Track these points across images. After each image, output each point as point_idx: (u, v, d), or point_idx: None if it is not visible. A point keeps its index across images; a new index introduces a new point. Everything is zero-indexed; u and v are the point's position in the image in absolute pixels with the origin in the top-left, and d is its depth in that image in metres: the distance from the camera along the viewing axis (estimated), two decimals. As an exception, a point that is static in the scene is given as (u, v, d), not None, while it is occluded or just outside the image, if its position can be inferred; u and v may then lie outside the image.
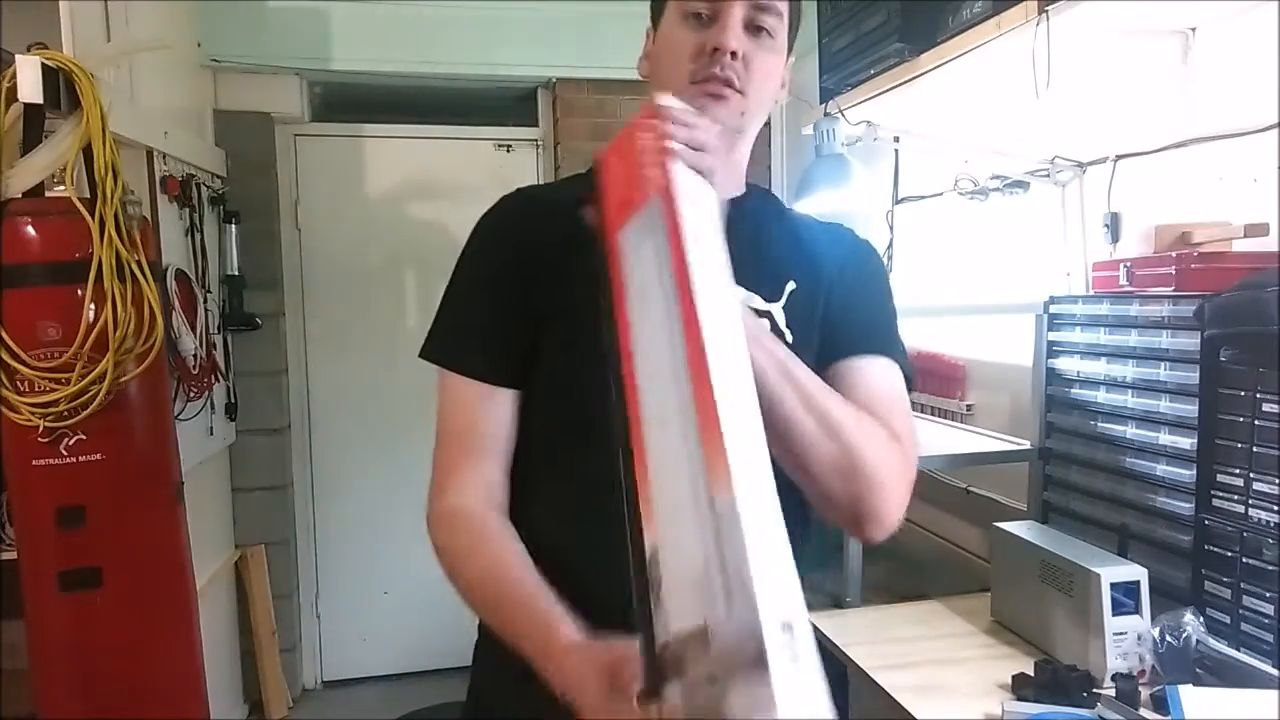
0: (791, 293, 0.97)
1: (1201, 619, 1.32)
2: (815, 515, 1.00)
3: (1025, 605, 1.51)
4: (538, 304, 0.94)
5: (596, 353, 0.77)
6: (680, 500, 0.55)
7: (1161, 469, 1.49)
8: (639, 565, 0.57)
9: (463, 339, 0.97)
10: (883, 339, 1.00)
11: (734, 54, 0.90)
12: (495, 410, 0.94)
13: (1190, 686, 1.21)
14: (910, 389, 0.98)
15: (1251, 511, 1.31)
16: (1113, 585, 1.33)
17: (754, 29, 0.92)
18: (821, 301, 0.99)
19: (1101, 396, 1.62)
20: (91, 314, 1.73)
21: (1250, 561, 1.31)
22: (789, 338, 0.93)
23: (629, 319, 0.69)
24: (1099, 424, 1.63)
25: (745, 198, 1.03)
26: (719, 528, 0.51)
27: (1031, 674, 1.33)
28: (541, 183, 1.04)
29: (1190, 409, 1.42)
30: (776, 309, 0.95)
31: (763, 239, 1.00)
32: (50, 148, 1.75)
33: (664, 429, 0.60)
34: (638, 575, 0.57)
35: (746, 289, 0.94)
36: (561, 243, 0.93)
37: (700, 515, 0.52)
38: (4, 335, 1.69)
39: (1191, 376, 1.42)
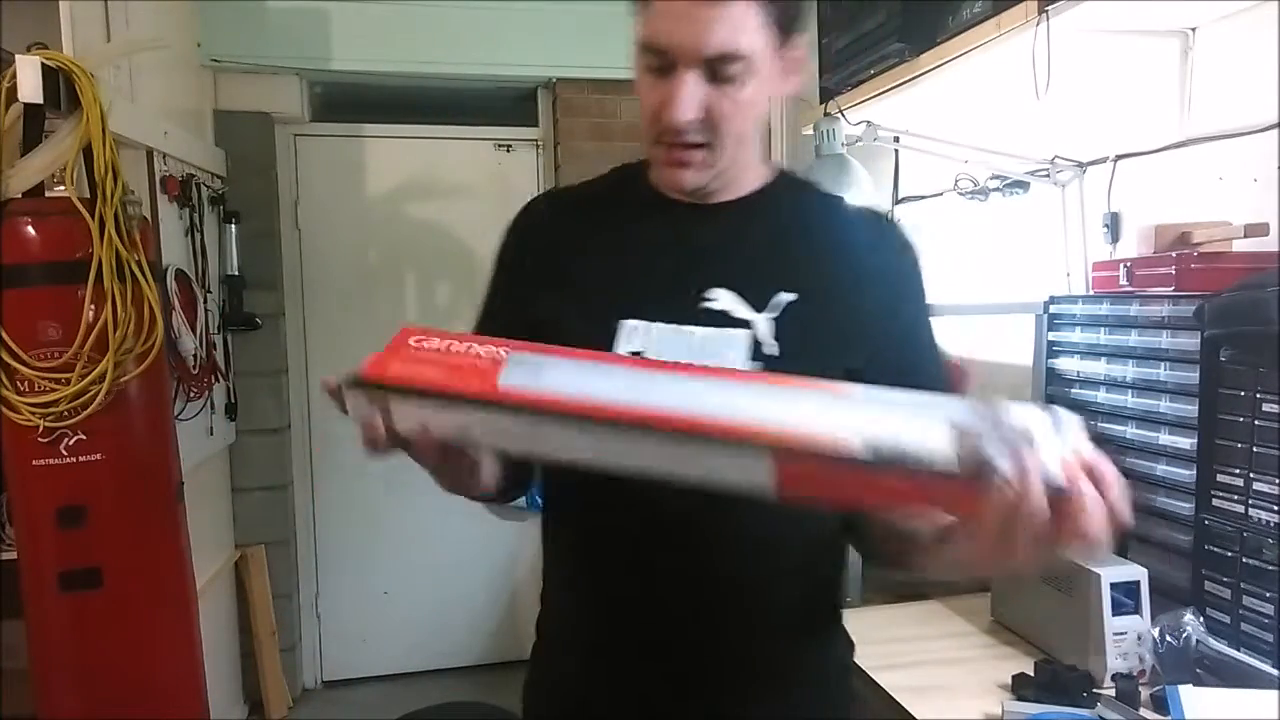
0: (789, 304, 0.91)
1: (1201, 619, 1.31)
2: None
3: (1025, 605, 1.51)
4: (536, 307, 0.95)
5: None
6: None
7: (1161, 469, 1.49)
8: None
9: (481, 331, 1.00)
10: (928, 385, 0.96)
11: (690, 119, 0.85)
12: None
13: (1190, 686, 1.21)
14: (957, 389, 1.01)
15: (1251, 511, 1.31)
16: (1113, 585, 1.33)
17: (719, 75, 0.85)
18: (839, 312, 0.92)
19: (1101, 396, 1.62)
20: (91, 314, 1.73)
21: (1250, 561, 1.31)
22: (773, 350, 0.89)
23: None
24: (1099, 424, 1.63)
25: (756, 195, 0.98)
26: None
27: (1031, 674, 1.32)
28: (572, 183, 1.07)
29: (1190, 409, 1.42)
30: (761, 319, 0.90)
31: (763, 241, 0.96)
32: (50, 148, 1.75)
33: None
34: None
35: (732, 294, 0.91)
36: (562, 239, 0.98)
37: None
38: (4, 335, 1.69)
39: (1191, 376, 1.42)
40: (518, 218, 1.05)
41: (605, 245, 0.98)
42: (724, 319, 0.90)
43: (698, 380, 0.70)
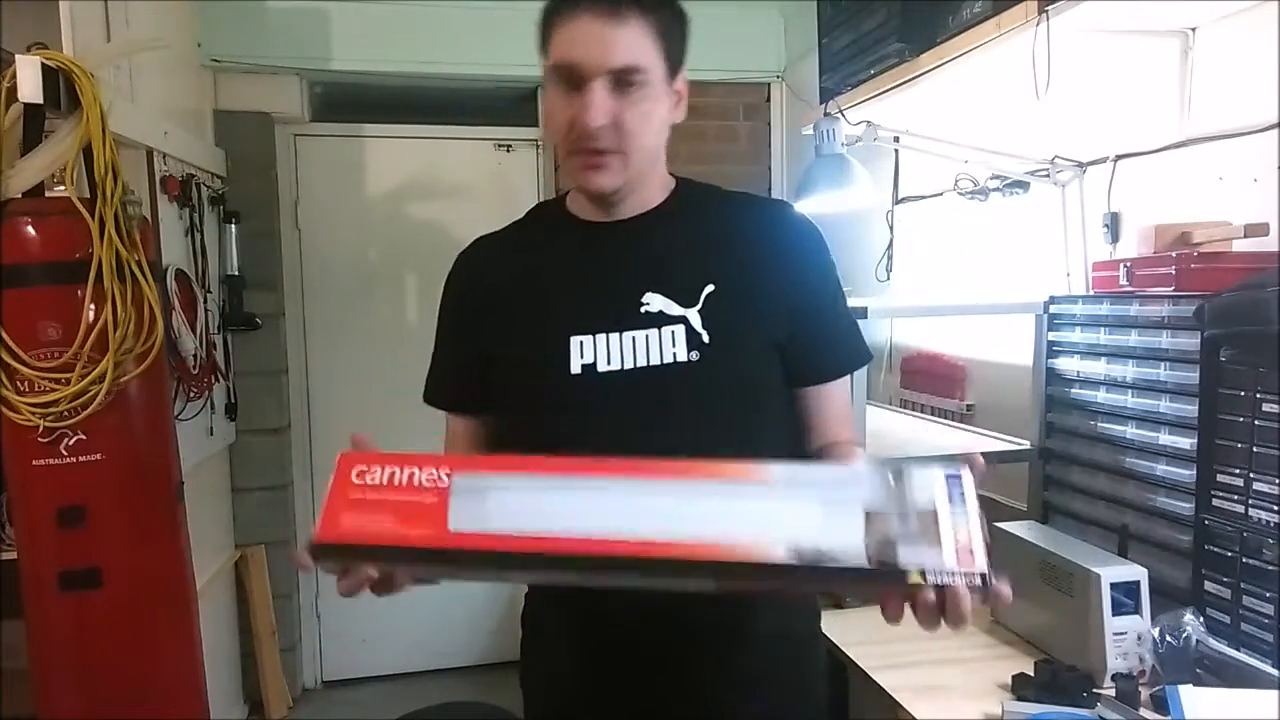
0: (710, 294, 1.01)
1: (1201, 619, 1.32)
2: None
3: (1025, 605, 1.51)
4: (485, 341, 1.07)
5: (542, 368, 0.99)
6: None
7: (1161, 469, 1.49)
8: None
9: (433, 379, 1.16)
10: (845, 353, 1.09)
11: (601, 125, 0.95)
12: (463, 432, 1.13)
13: (1190, 686, 1.21)
14: (868, 360, 1.12)
15: (1251, 511, 1.31)
16: (1113, 585, 1.33)
17: (622, 86, 0.95)
18: (758, 293, 1.02)
19: (1101, 396, 1.62)
20: (91, 314, 1.73)
21: (1250, 561, 1.31)
22: (705, 338, 0.99)
23: None
24: (1099, 424, 1.63)
25: (664, 205, 1.08)
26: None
27: (1031, 674, 1.33)
28: (496, 229, 1.17)
29: (1190, 409, 1.42)
30: (692, 313, 1.00)
31: (680, 244, 1.05)
32: (50, 148, 1.75)
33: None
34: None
35: (662, 296, 1.01)
36: (497, 279, 1.09)
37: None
38: (4, 335, 1.69)
39: (1191, 376, 1.42)
40: (454, 269, 1.14)
41: (541, 274, 1.08)
42: (661, 318, 1.00)
43: (638, 489, 0.75)
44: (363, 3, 3.01)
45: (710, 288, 1.01)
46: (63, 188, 1.76)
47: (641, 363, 0.99)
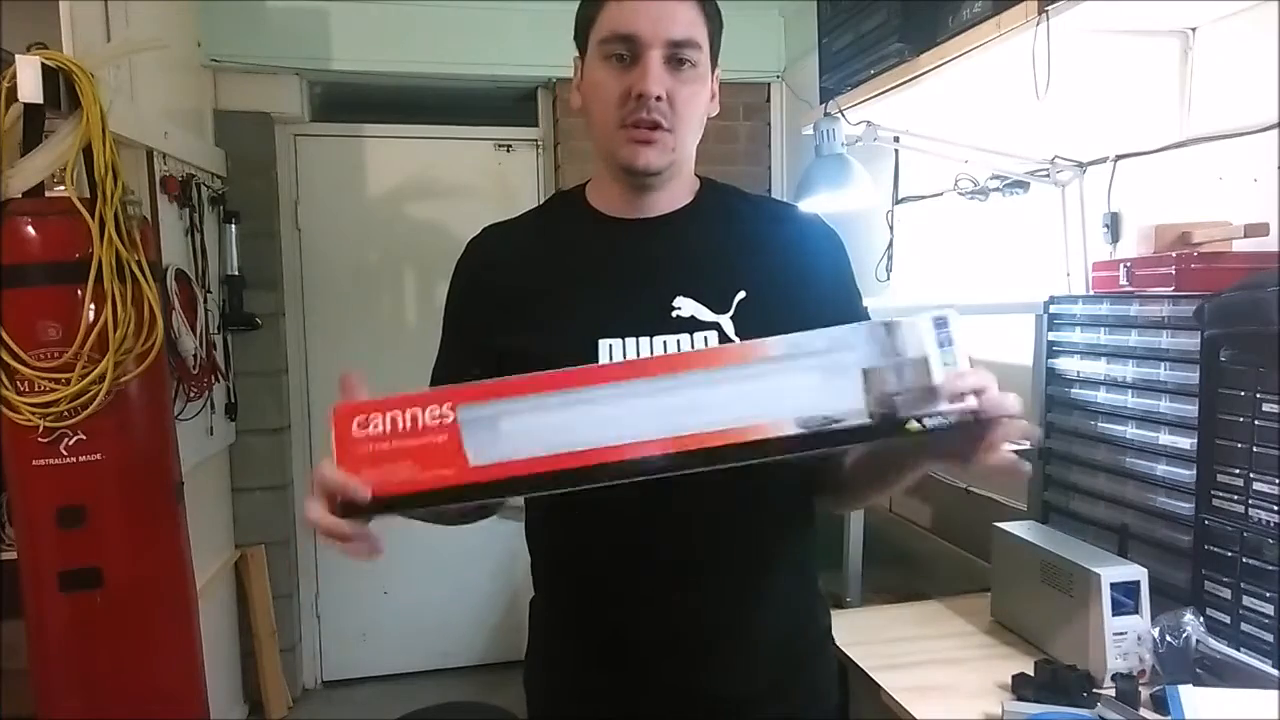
0: (742, 301, 0.99)
1: (1201, 619, 1.31)
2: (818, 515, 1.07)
3: (1025, 605, 1.51)
4: (500, 337, 1.02)
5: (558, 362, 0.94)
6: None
7: (1161, 469, 1.49)
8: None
9: (438, 376, 1.09)
10: None
11: (657, 96, 0.95)
12: None
13: (1190, 686, 1.21)
14: None
15: (1251, 511, 1.31)
16: (1113, 585, 1.33)
17: (675, 63, 0.97)
18: (788, 300, 1.01)
19: (1101, 396, 1.62)
20: (91, 314, 1.73)
21: (1250, 561, 1.31)
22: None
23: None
24: (1099, 424, 1.63)
25: (692, 205, 1.07)
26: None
27: (1031, 674, 1.33)
28: (508, 218, 1.14)
29: (1190, 409, 1.42)
30: (725, 320, 0.99)
31: (711, 247, 1.04)
32: (50, 148, 1.75)
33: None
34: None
35: (694, 301, 0.99)
36: (515, 270, 1.05)
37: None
38: (4, 335, 1.69)
39: (1191, 376, 1.42)
40: (465, 257, 1.10)
41: (565, 270, 1.04)
42: (693, 324, 0.98)
43: (645, 390, 0.77)
44: (363, 3, 3.01)
45: (742, 294, 0.99)
46: (63, 188, 1.76)
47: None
